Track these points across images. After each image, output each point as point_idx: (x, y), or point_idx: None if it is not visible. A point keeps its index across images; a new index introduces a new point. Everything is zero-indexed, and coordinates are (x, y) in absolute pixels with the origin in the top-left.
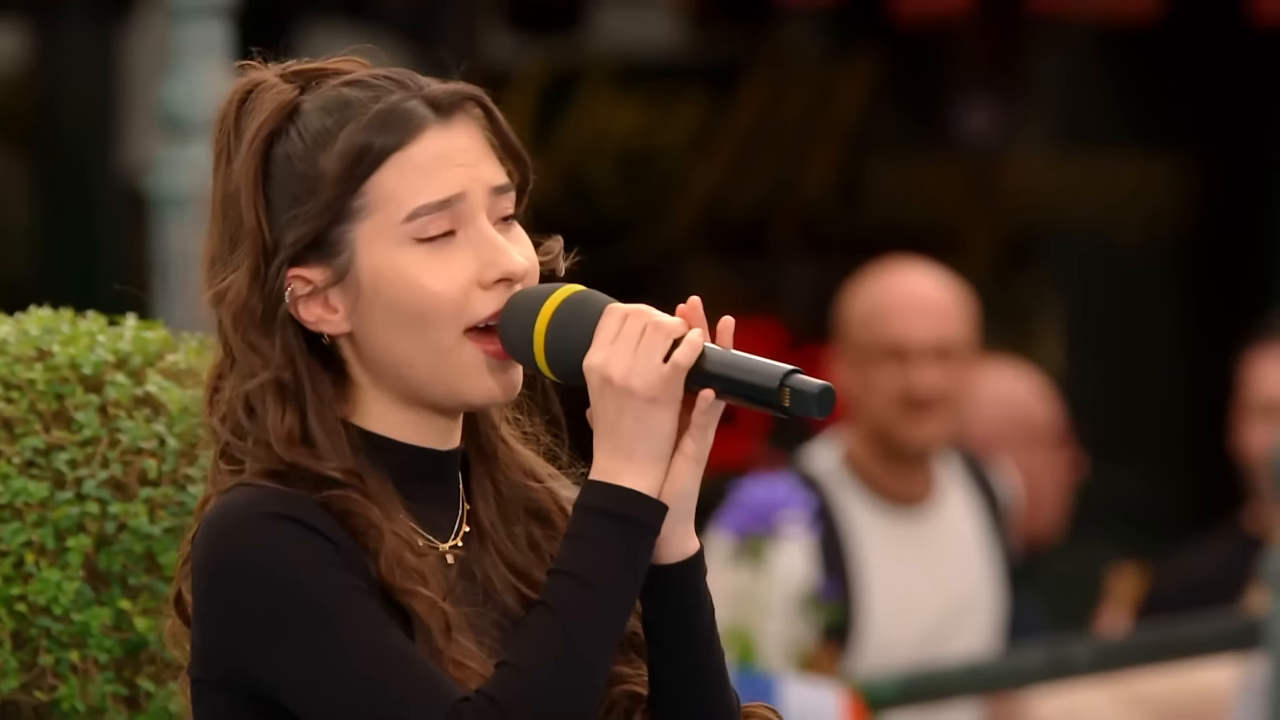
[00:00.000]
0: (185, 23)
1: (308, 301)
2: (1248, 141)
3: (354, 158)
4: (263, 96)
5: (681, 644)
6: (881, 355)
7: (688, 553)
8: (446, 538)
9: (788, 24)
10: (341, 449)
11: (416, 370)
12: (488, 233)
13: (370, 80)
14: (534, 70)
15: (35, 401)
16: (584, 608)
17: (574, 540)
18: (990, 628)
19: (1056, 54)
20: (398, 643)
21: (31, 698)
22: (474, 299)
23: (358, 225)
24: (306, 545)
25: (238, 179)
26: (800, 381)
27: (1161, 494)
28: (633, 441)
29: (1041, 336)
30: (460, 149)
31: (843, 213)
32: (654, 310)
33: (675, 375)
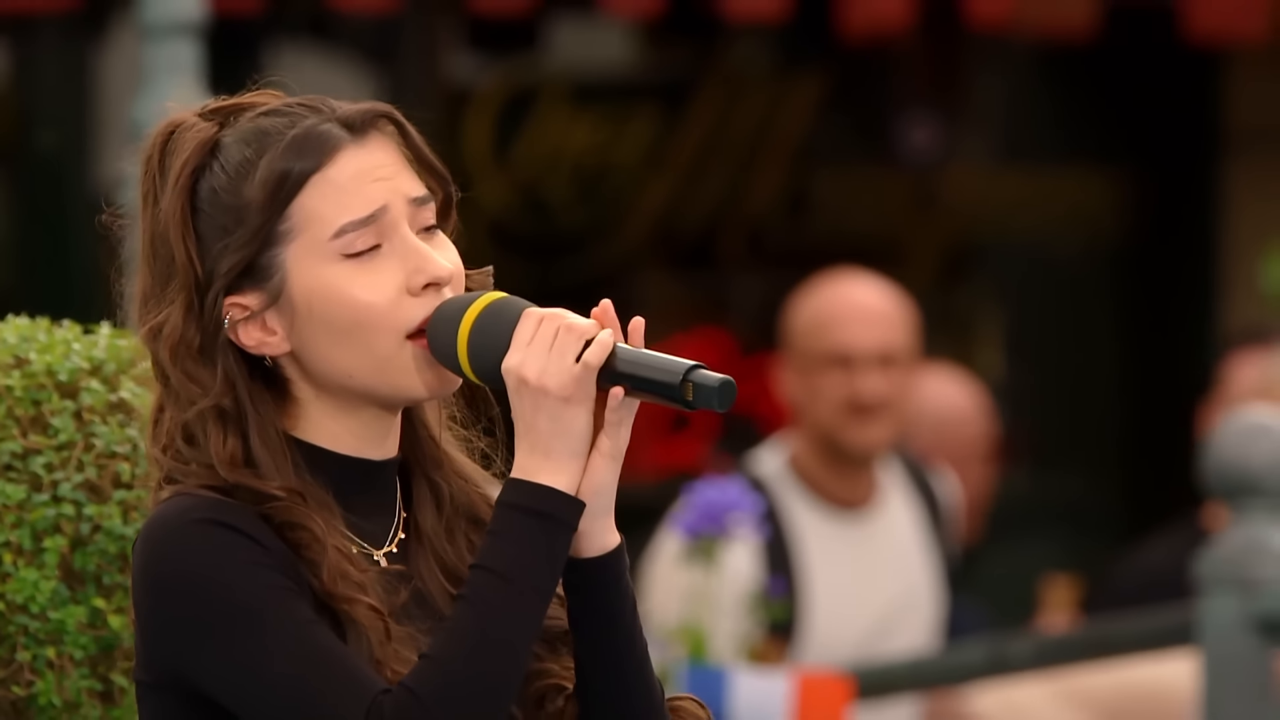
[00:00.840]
0: (157, 42)
1: (246, 326)
2: (1181, 157)
3: (276, 183)
4: (184, 136)
5: (604, 635)
6: (827, 362)
7: (608, 547)
8: (381, 544)
9: (737, 43)
10: (284, 468)
11: (357, 379)
12: (412, 242)
13: (284, 109)
14: (493, 89)
15: (13, 407)
16: (501, 601)
17: (494, 536)
18: (930, 626)
19: (996, 72)
20: (323, 640)
21: (9, 693)
22: (405, 306)
23: (286, 248)
24: (236, 549)
25: (165, 217)
26: (702, 376)
27: (1097, 496)
28: (549, 440)
29: (982, 345)
30: (377, 164)
31: (789, 225)
32: (569, 313)
33: (586, 374)
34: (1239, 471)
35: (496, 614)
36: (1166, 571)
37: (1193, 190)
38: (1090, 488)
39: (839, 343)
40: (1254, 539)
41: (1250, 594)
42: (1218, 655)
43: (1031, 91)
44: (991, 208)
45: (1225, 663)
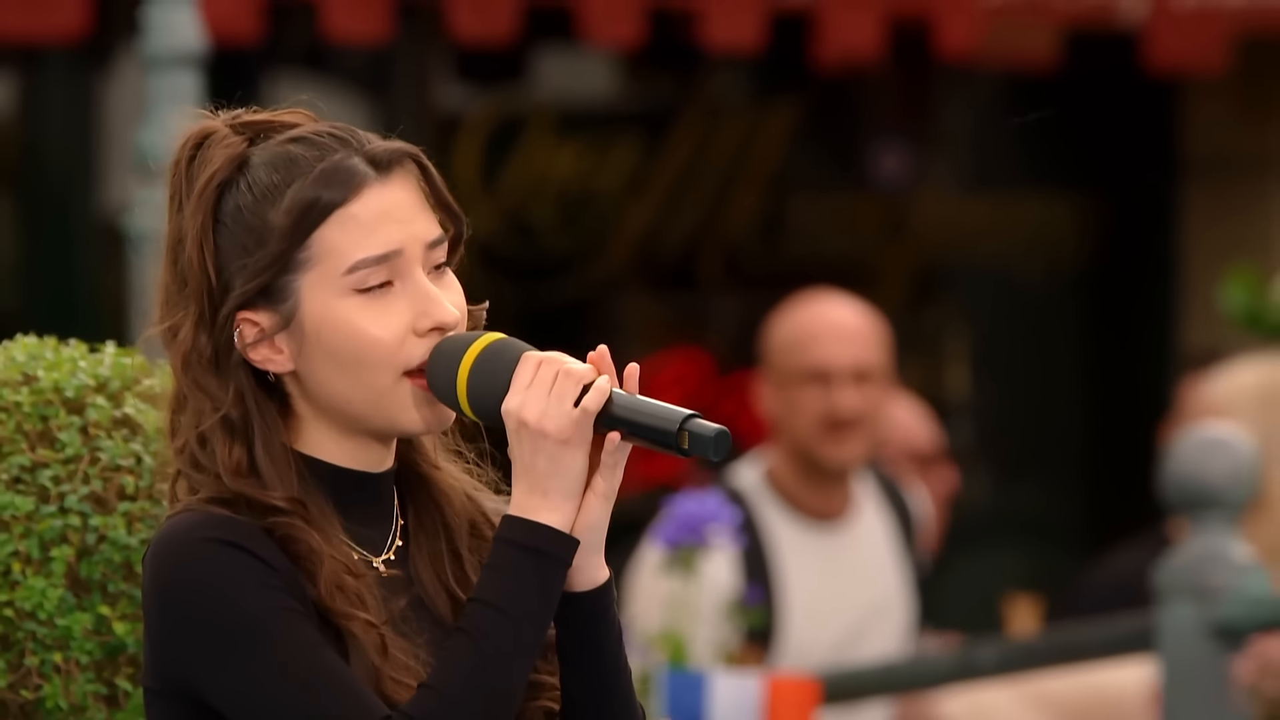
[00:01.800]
0: (159, 73)
1: (255, 343)
2: (1141, 183)
3: (300, 213)
4: (214, 147)
5: (591, 664)
6: (805, 379)
7: (598, 581)
8: (380, 551)
9: (715, 74)
10: (287, 479)
11: (355, 406)
12: (423, 285)
13: (314, 138)
14: (481, 118)
15: (21, 422)
16: (498, 634)
17: (492, 570)
18: (902, 632)
19: (964, 101)
20: (327, 662)
21: (18, 696)
22: (409, 345)
23: (303, 275)
24: (243, 568)
25: (187, 226)
26: (698, 426)
27: (1059, 509)
28: (547, 480)
29: (949, 363)
30: (398, 204)
31: (766, 248)
32: (566, 357)
33: (585, 419)
34: (1197, 485)
35: (493, 645)
36: (1133, 580)
37: (1152, 215)
38: (1053, 501)
39: (817, 360)
40: (1212, 549)
41: (1208, 602)
42: (1177, 660)
43: (997, 120)
44: (959, 232)
45: (1185, 668)
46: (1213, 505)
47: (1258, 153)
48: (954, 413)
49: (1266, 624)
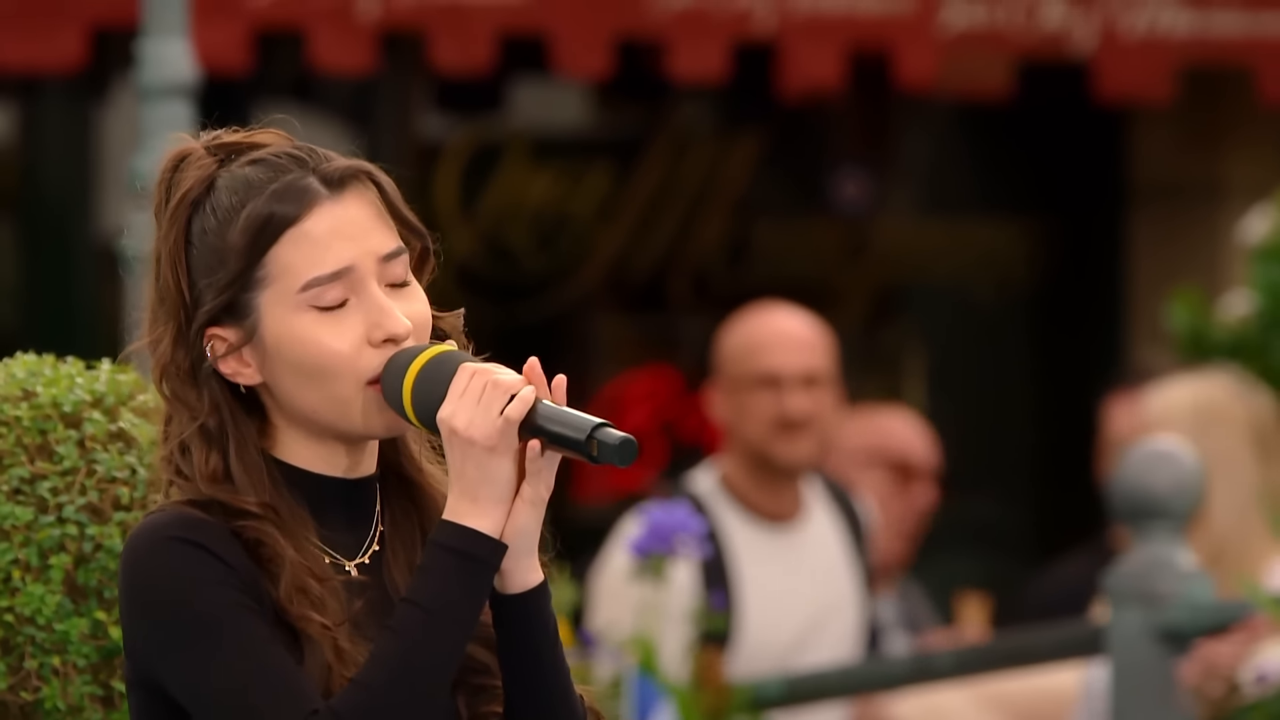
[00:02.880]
0: (153, 103)
1: (225, 358)
2: (1089, 208)
3: (254, 233)
4: (189, 168)
5: (527, 664)
6: (756, 384)
7: (530, 584)
8: (355, 555)
9: (682, 104)
10: (260, 485)
11: (321, 414)
12: (377, 298)
13: (272, 159)
14: (460, 145)
15: (21, 436)
16: (423, 632)
17: (422, 572)
18: (853, 632)
19: (921, 130)
20: (270, 657)
21: (18, 698)
22: (366, 355)
23: (261, 293)
24: (200, 565)
25: (162, 245)
26: (606, 434)
27: (1011, 520)
28: (476, 486)
29: (907, 379)
30: (350, 220)
31: (732, 271)
32: (500, 369)
33: (508, 427)
34: (1144, 495)
35: (418, 644)
36: (1078, 586)
37: (1100, 239)
38: (1004, 510)
39: (767, 366)
40: (1158, 557)
41: (1155, 607)
42: (1125, 664)
43: (953, 148)
44: (916, 255)
45: (1132, 670)
46: (1159, 515)
47: (1202, 179)
48: None
49: (1210, 628)
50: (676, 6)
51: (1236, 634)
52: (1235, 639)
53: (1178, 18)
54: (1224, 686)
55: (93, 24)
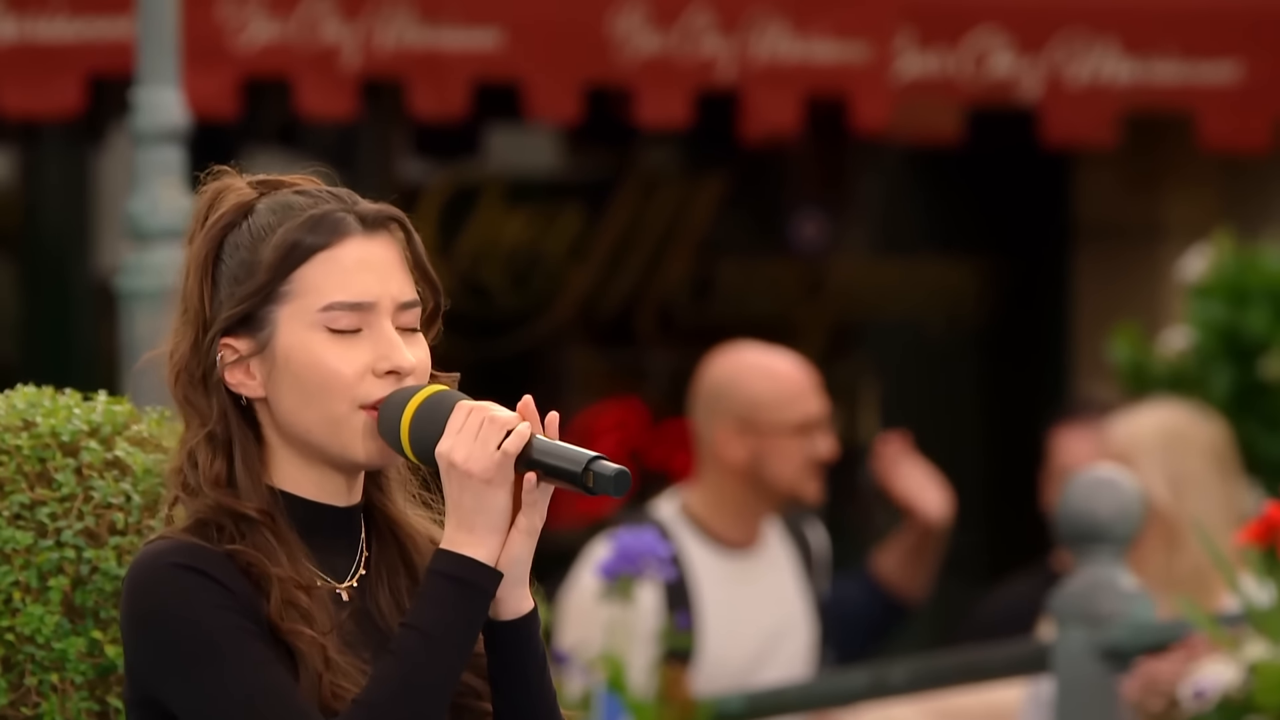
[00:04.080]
0: (147, 147)
1: (232, 367)
2: (1035, 248)
3: (287, 250)
4: (228, 196)
5: (518, 687)
6: (793, 432)
7: (522, 611)
8: (344, 579)
9: (649, 148)
10: (260, 491)
11: (313, 434)
12: (389, 333)
13: (315, 191)
14: (438, 188)
15: (22, 464)
16: (423, 656)
17: (421, 598)
18: (805, 652)
19: (875, 174)
20: (274, 679)
21: (19, 713)
22: (367, 383)
23: (282, 307)
24: (203, 591)
25: (192, 259)
26: (601, 467)
27: (961, 542)
28: (473, 517)
29: (862, 410)
30: (379, 259)
31: (696, 307)
32: (496, 406)
33: (505, 461)
34: (1088, 520)
35: (419, 666)
36: (1023, 606)
37: (1046, 277)
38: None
39: (803, 414)
40: (1101, 579)
41: (1098, 627)
42: (1069, 680)
43: (906, 190)
44: (870, 291)
45: (1076, 687)
46: (1102, 539)
47: (1143, 220)
48: (865, 456)
49: (1150, 647)
50: (643, 55)
51: (1176, 652)
52: (1175, 657)
53: (1120, 66)
54: (1164, 702)
55: (90, 73)
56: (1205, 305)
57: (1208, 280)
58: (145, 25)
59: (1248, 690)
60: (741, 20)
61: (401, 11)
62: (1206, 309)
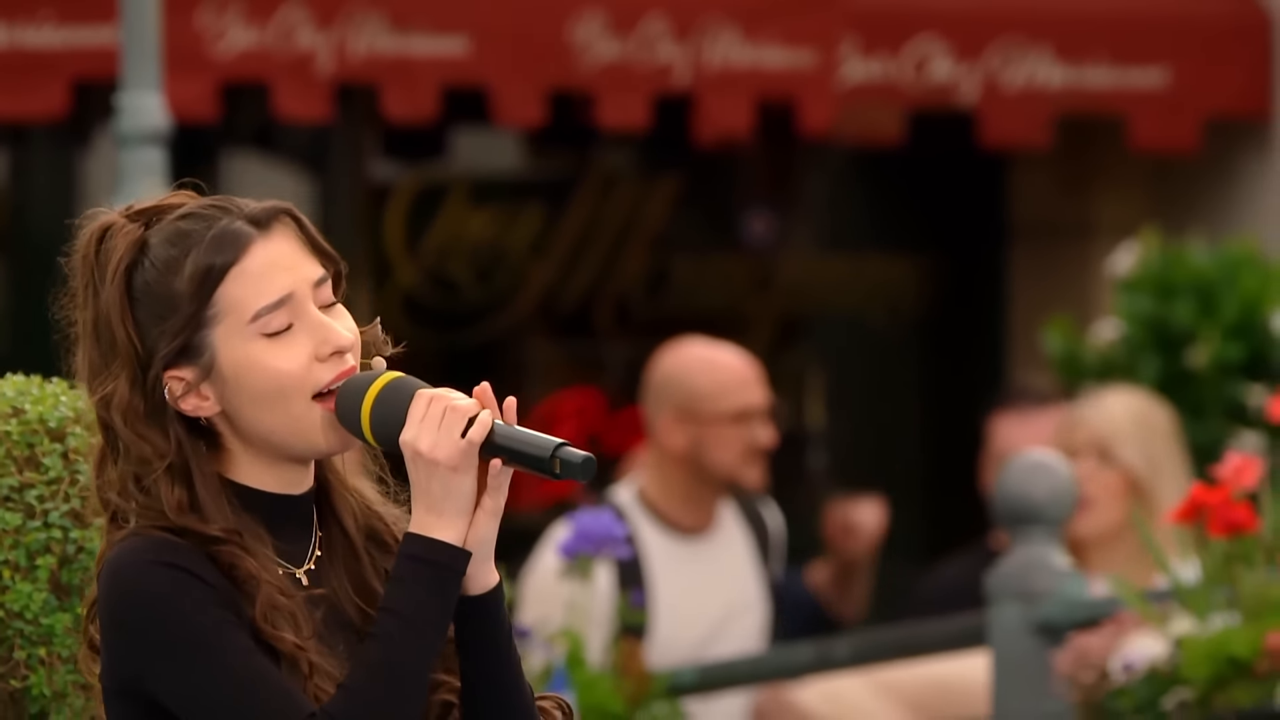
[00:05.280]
0: (131, 149)
1: (185, 396)
2: (973, 245)
3: (201, 278)
4: (116, 237)
5: (485, 656)
6: (731, 420)
7: (488, 585)
8: (301, 563)
9: (608, 149)
10: (223, 510)
11: (277, 435)
12: (317, 318)
13: (200, 211)
14: (407, 187)
15: (11, 449)
16: (403, 637)
17: (396, 582)
18: (759, 630)
19: (821, 174)
20: (259, 667)
21: (8, 685)
22: (315, 371)
23: (214, 330)
24: (186, 586)
25: (106, 307)
26: (568, 453)
27: (902, 524)
28: (441, 502)
29: (809, 398)
30: (282, 254)
31: (651, 301)
32: (454, 393)
33: (470, 449)
34: (1024, 502)
35: (399, 647)
36: (961, 584)
37: (983, 273)
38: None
39: (742, 403)
40: (1035, 558)
41: (1032, 603)
42: (1005, 654)
43: (850, 190)
44: (817, 286)
45: (1011, 661)
46: (1037, 520)
47: (1075, 219)
48: (812, 441)
49: (1082, 622)
50: (603, 61)
51: (1106, 628)
52: (1105, 632)
53: (1053, 72)
54: (1095, 675)
55: (75, 77)
56: (1134, 299)
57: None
58: (128, 32)
59: (1174, 664)
60: (695, 27)
61: (373, 19)
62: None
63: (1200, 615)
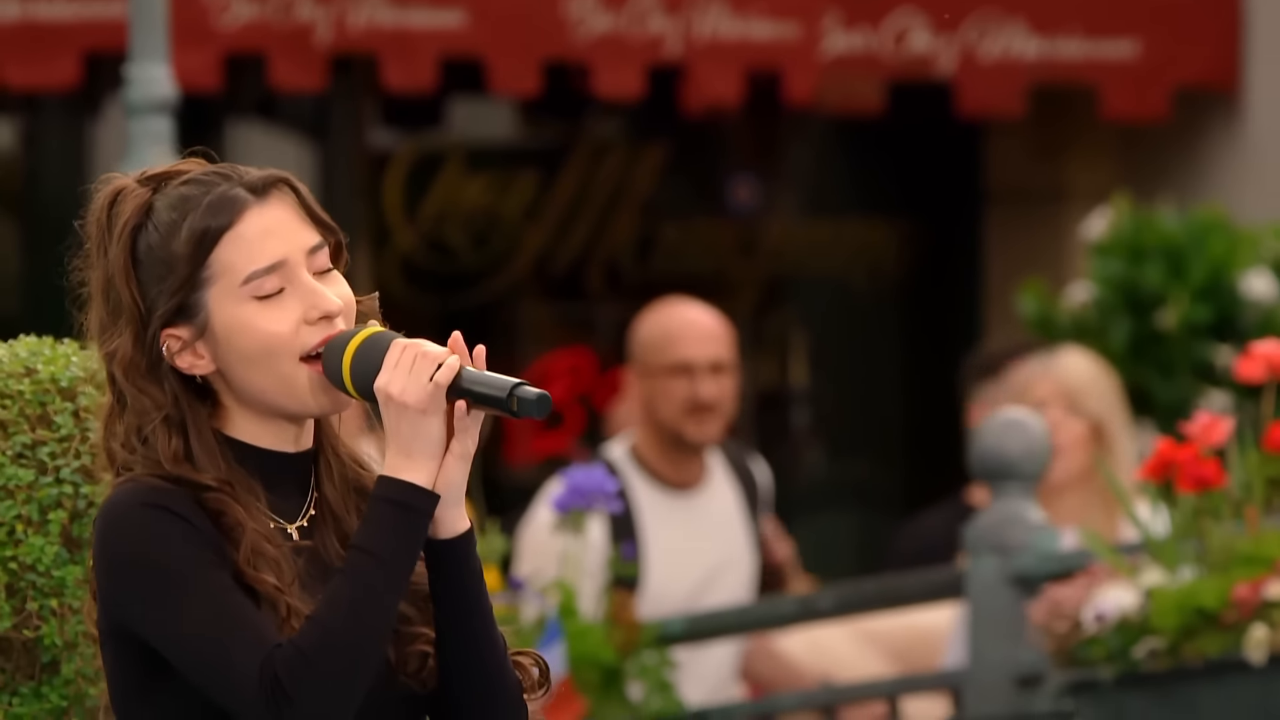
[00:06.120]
0: (139, 118)
1: (181, 353)
2: (949, 211)
3: (197, 240)
4: (125, 200)
5: (456, 599)
6: (671, 372)
7: (459, 530)
8: (295, 519)
9: (599, 118)
10: (216, 462)
11: (269, 394)
12: (309, 283)
13: (202, 178)
14: (405, 155)
15: (24, 408)
16: (370, 574)
17: (366, 522)
18: (747, 582)
19: (804, 142)
20: (235, 604)
21: (21, 635)
22: (303, 333)
23: (208, 291)
24: (171, 526)
25: (112, 267)
26: (524, 392)
27: (882, 479)
28: (410, 444)
29: (792, 359)
30: (278, 221)
31: (640, 265)
32: (427, 343)
33: (437, 391)
34: (999, 459)
35: (366, 583)
36: (939, 538)
37: (960, 237)
38: (877, 472)
39: (682, 356)
40: (1011, 513)
41: (1008, 556)
42: (982, 605)
43: (832, 157)
44: (799, 251)
45: (988, 611)
46: (1012, 476)
47: (1049, 185)
48: (795, 400)
49: (1055, 574)
50: (597, 33)
51: (1079, 579)
52: (1078, 583)
53: (1028, 44)
54: (1068, 624)
55: (86, 50)
56: (1105, 262)
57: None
58: (137, 6)
59: (1144, 614)
60: (685, 1)
61: None
62: (1106, 266)
63: (1170, 567)
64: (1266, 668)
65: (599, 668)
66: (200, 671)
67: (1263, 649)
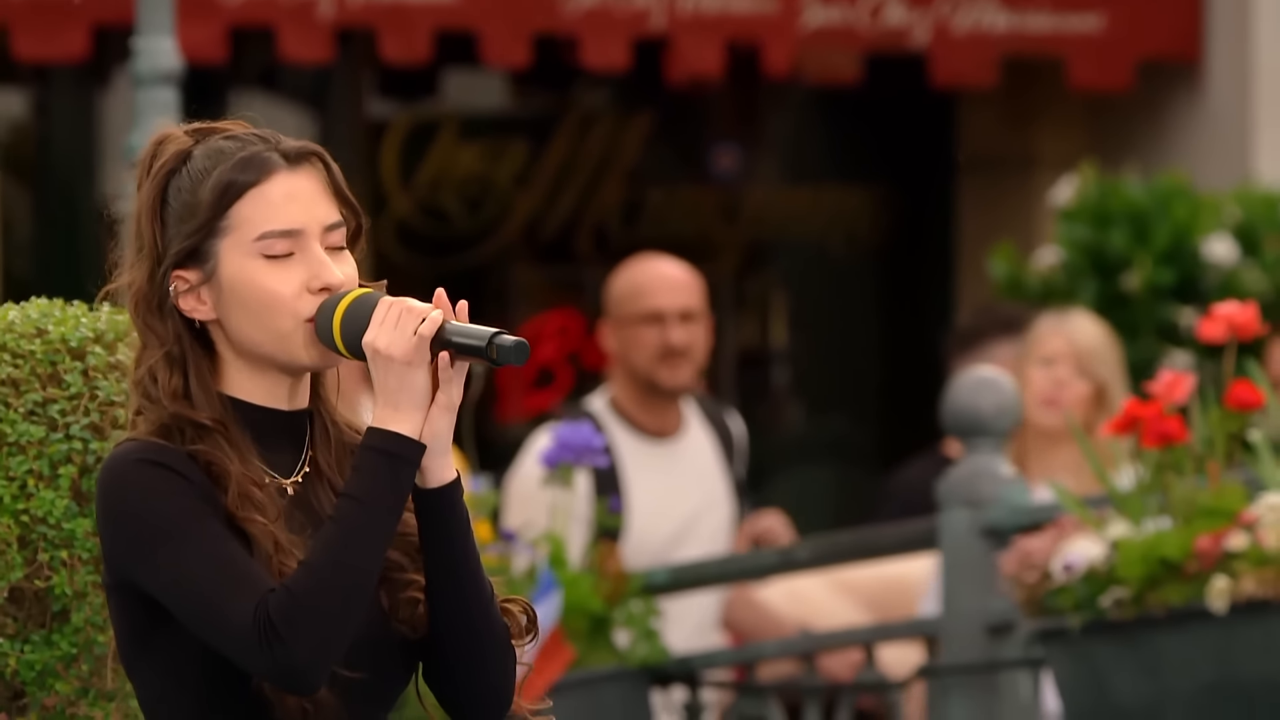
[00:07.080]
0: (146, 88)
1: (185, 295)
2: (925, 178)
3: (222, 190)
4: (168, 145)
5: (444, 547)
6: (643, 321)
7: (445, 480)
8: (289, 475)
9: (587, 89)
10: (213, 404)
11: (263, 347)
12: (318, 254)
13: (242, 136)
14: (401, 124)
15: (35, 367)
16: (358, 520)
17: (355, 471)
18: (725, 529)
19: (784, 112)
20: (228, 551)
21: (33, 585)
22: (304, 300)
23: (222, 240)
24: (167, 481)
25: (142, 204)
26: (503, 340)
27: (859, 435)
28: (397, 396)
29: (773, 321)
30: (303, 190)
31: (627, 229)
32: (412, 300)
33: (421, 344)
34: (971, 415)
35: (355, 529)
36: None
37: (934, 204)
38: (854, 428)
39: (652, 305)
40: (982, 467)
41: (979, 509)
42: (954, 556)
43: (811, 126)
44: (780, 216)
45: (960, 562)
46: (983, 432)
47: (1019, 153)
48: (775, 359)
49: (1025, 526)
50: (585, 7)
51: (1048, 531)
52: (1047, 536)
53: (998, 16)
54: (1037, 575)
55: (95, 23)
56: (1073, 227)
57: (1075, 206)
58: None
59: (1110, 564)
60: None
61: None
62: (1074, 230)
63: (1135, 520)
64: (1227, 616)
65: (587, 616)
66: (197, 619)
67: (1224, 598)
